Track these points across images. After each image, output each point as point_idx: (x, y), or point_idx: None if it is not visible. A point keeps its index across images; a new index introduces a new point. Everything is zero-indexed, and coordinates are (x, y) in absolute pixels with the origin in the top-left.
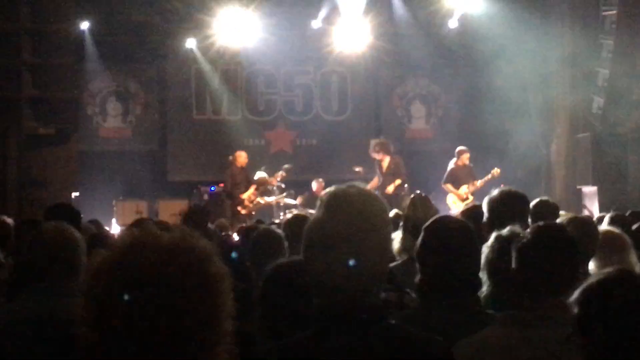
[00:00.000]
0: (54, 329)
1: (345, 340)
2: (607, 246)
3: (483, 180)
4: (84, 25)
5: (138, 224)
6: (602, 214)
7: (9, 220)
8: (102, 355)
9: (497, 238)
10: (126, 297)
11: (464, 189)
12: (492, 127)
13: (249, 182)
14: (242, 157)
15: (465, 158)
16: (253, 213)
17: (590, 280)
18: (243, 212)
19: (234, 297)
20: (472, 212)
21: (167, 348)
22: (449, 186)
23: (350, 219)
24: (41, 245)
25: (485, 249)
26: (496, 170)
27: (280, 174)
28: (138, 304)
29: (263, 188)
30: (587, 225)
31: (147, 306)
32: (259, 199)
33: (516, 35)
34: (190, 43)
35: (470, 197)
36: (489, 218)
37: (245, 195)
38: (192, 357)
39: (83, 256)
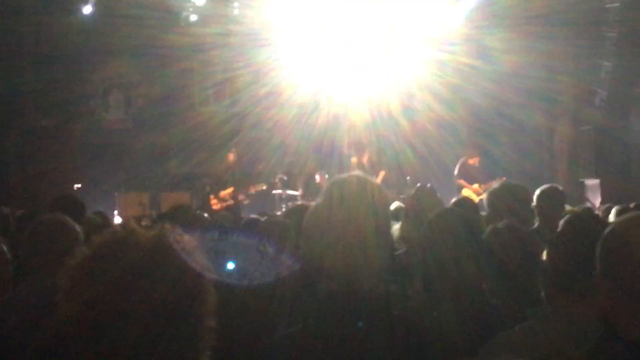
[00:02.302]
0: (38, 321)
1: (348, 328)
2: None
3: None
4: (87, 16)
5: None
6: (607, 205)
7: (8, 211)
8: (82, 352)
9: (493, 231)
10: (105, 294)
11: (476, 186)
12: (495, 120)
13: (232, 183)
14: (231, 156)
15: (475, 160)
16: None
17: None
18: (215, 207)
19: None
20: (464, 204)
21: (148, 345)
22: (462, 181)
23: (349, 206)
24: (36, 238)
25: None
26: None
27: (256, 186)
28: (117, 302)
29: (235, 193)
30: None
31: (127, 303)
32: (231, 200)
33: (519, 29)
34: (193, 20)
35: (484, 195)
36: (490, 211)
37: (223, 193)
38: (173, 353)
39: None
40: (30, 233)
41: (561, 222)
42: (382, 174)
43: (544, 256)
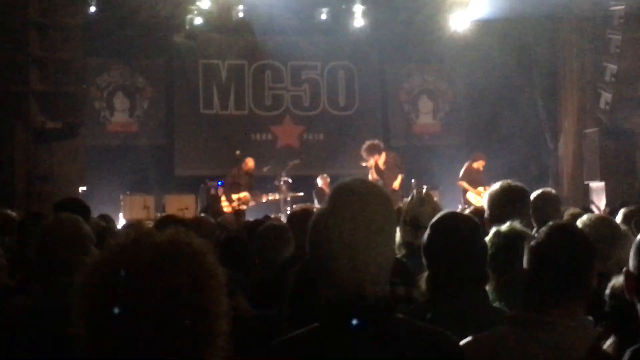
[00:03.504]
0: (52, 324)
1: (351, 334)
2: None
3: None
4: (92, 19)
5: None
6: (611, 208)
7: (13, 214)
8: (97, 353)
9: (496, 234)
10: (121, 296)
11: (480, 189)
12: (500, 122)
13: (247, 188)
14: (251, 162)
15: (480, 164)
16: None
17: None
18: (227, 210)
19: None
20: (478, 213)
21: (162, 346)
22: (464, 183)
23: (354, 211)
24: (42, 240)
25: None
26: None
27: (268, 196)
28: (133, 303)
29: (250, 199)
30: (610, 225)
31: (142, 305)
32: (243, 205)
33: (523, 31)
34: (198, 23)
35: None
36: (490, 213)
37: (236, 196)
38: (187, 355)
39: (90, 249)
40: (43, 232)
41: (541, 230)
42: (400, 177)
43: (524, 262)
